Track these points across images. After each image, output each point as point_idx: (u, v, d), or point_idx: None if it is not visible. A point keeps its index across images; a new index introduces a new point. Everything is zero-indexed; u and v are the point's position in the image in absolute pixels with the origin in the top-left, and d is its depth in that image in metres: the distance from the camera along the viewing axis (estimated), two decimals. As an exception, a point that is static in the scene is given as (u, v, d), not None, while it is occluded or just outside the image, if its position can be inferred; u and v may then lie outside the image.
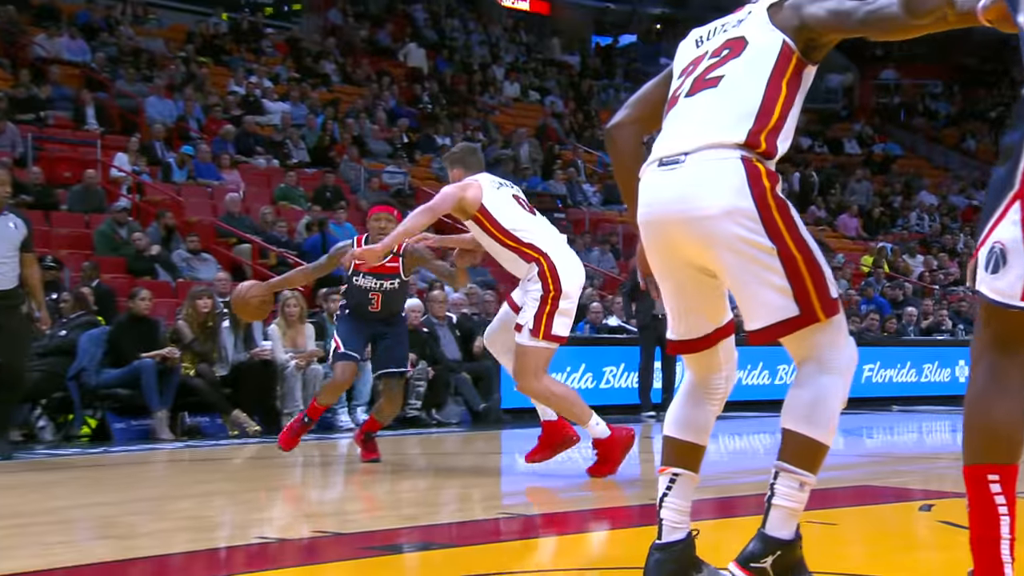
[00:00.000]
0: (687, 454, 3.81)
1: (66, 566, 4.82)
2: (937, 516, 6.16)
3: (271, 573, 4.78)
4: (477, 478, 8.63)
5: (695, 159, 3.47)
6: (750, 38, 3.61)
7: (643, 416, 14.09)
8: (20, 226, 9.52)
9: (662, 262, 3.67)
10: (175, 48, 24.25)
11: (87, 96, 19.78)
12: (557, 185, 24.09)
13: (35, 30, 22.56)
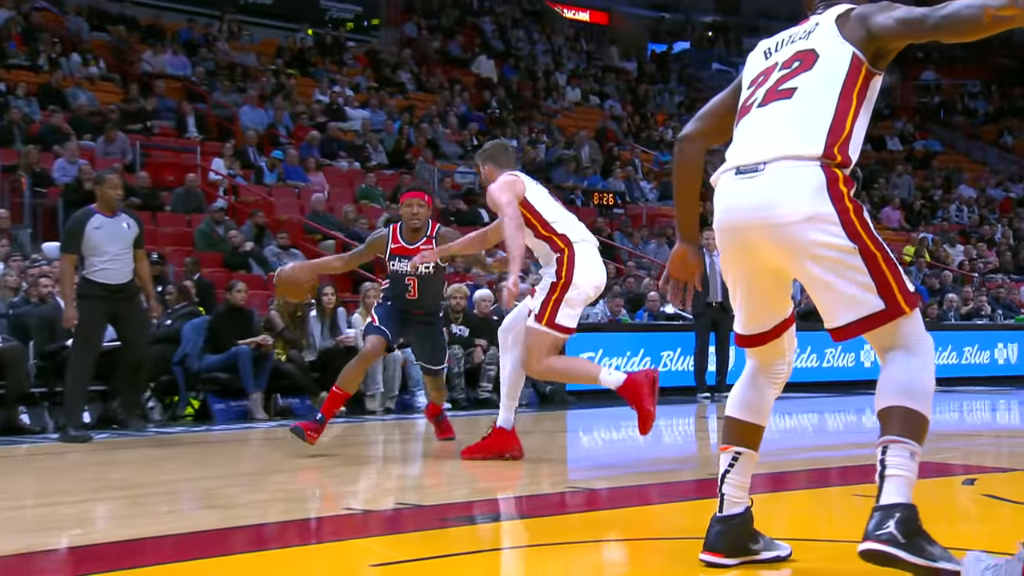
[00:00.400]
0: (749, 434, 3.80)
1: (175, 533, 4.92)
2: (980, 490, 6.08)
3: (358, 541, 4.83)
4: (545, 454, 8.63)
5: (774, 168, 3.41)
6: (820, 51, 3.53)
7: (699, 397, 14.07)
8: (132, 225, 9.71)
9: (739, 265, 3.62)
10: (266, 61, 24.44)
11: (188, 107, 20.03)
12: (616, 183, 24.01)
13: (142, 47, 22.87)
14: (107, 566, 4.36)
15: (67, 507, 5.94)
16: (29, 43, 21.06)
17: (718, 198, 3.58)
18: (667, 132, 29.26)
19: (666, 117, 30.81)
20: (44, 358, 10.91)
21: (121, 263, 9.54)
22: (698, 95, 34.47)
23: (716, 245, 13.43)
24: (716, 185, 3.61)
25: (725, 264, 3.66)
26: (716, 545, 3.71)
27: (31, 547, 4.73)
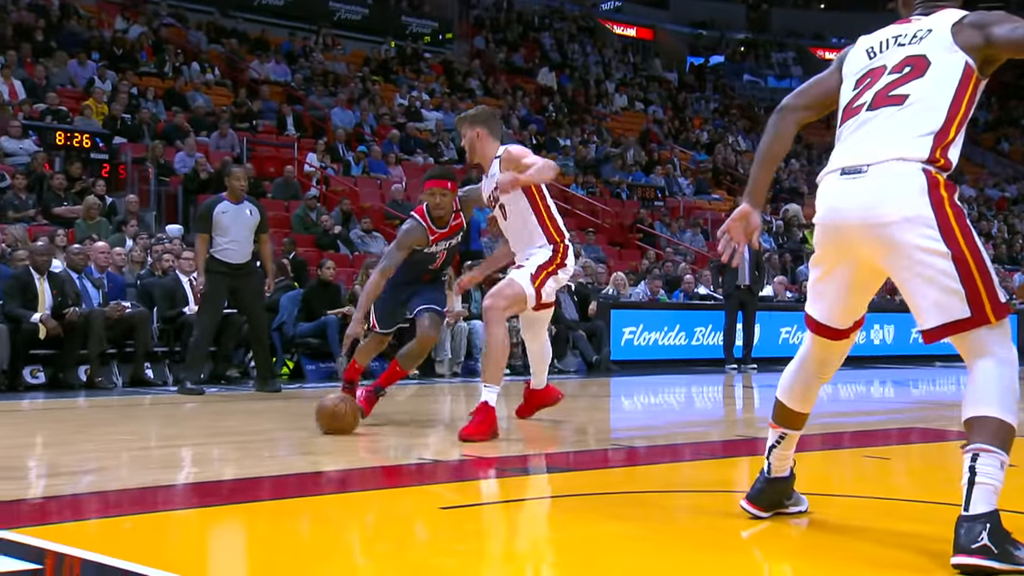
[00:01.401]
0: (796, 419, 3.69)
1: (273, 475, 4.98)
2: (973, 453, 6.05)
3: (428, 487, 4.84)
4: (591, 415, 8.63)
5: (877, 169, 3.15)
6: (932, 58, 3.23)
7: (727, 368, 14.01)
8: (255, 212, 9.84)
9: (836, 261, 3.33)
10: (354, 70, 24.54)
11: (287, 108, 20.23)
12: (657, 179, 23.97)
13: (251, 57, 23.06)
14: (219, 500, 4.43)
15: (184, 449, 6.03)
16: (157, 54, 21.28)
17: (822, 197, 3.33)
18: (703, 135, 29.13)
19: (702, 121, 30.66)
20: (166, 322, 11.14)
21: (242, 245, 9.68)
22: (731, 102, 34.31)
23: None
24: (821, 184, 3.37)
25: (822, 259, 3.38)
26: (757, 499, 3.71)
27: (155, 482, 4.80)
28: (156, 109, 18.30)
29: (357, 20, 28.64)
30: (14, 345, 9.96)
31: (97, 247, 11.26)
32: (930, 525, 3.67)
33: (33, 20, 20.56)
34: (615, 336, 14.20)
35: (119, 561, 3.01)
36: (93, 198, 13.43)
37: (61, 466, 5.46)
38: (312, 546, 3.65)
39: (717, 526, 3.87)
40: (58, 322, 10.03)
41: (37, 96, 17.10)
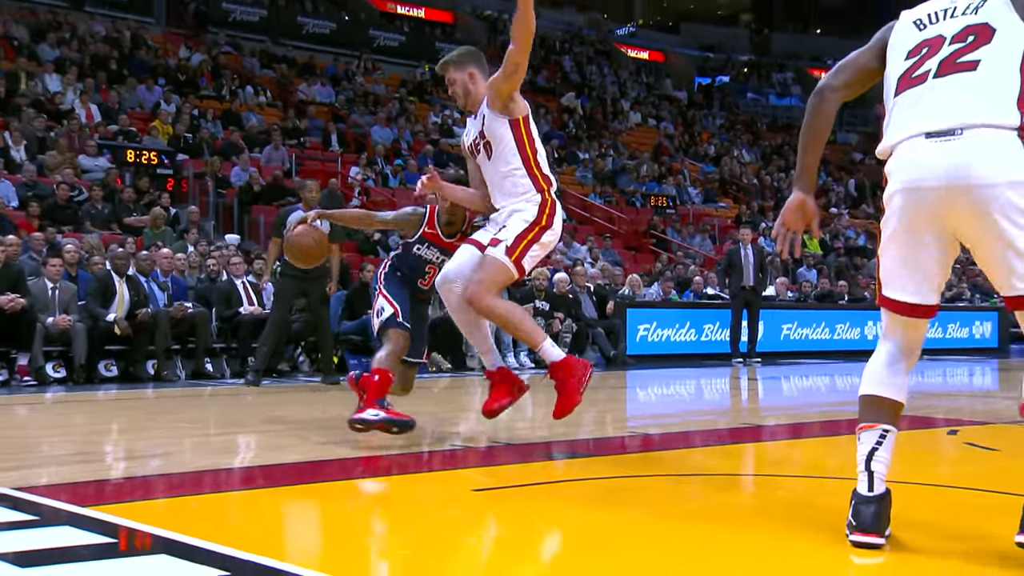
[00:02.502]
0: (896, 410, 3.13)
1: (322, 459, 5.00)
2: (961, 439, 6.00)
3: (461, 471, 4.86)
4: (609, 405, 8.62)
5: (973, 132, 2.82)
6: (996, 25, 2.94)
7: (733, 362, 13.96)
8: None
9: (919, 226, 2.94)
10: (392, 91, 24.61)
11: (332, 126, 20.28)
12: (668, 188, 23.91)
13: (299, 80, 23.18)
14: (273, 482, 4.45)
15: (241, 436, 6.07)
16: (216, 79, 21.43)
17: (903, 161, 2.95)
18: (710, 148, 29.04)
19: (709, 136, 30.57)
20: (223, 321, 11.19)
21: None
22: (736, 118, 34.18)
23: (750, 239, 13.00)
24: (896, 150, 2.98)
25: (903, 232, 2.98)
26: (874, 526, 2.97)
27: (215, 465, 4.84)
28: (214, 128, 18.41)
29: (395, 47, 28.74)
30: (91, 341, 10.07)
31: (162, 253, 11.36)
32: (922, 508, 3.65)
33: (108, 51, 20.79)
34: (631, 333, 14.19)
35: (184, 536, 3.03)
36: (159, 209, 13.55)
37: (133, 450, 5.52)
38: (356, 525, 3.66)
39: (726, 507, 3.87)
40: (129, 322, 10.15)
41: (110, 119, 17.27)
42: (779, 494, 4.26)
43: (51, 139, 15.48)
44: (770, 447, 6.04)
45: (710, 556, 3.04)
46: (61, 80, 18.13)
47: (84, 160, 15.16)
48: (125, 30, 22.45)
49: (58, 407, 8.08)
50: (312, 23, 27.50)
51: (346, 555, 3.16)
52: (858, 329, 17.12)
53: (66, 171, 14.18)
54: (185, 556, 2.82)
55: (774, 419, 7.71)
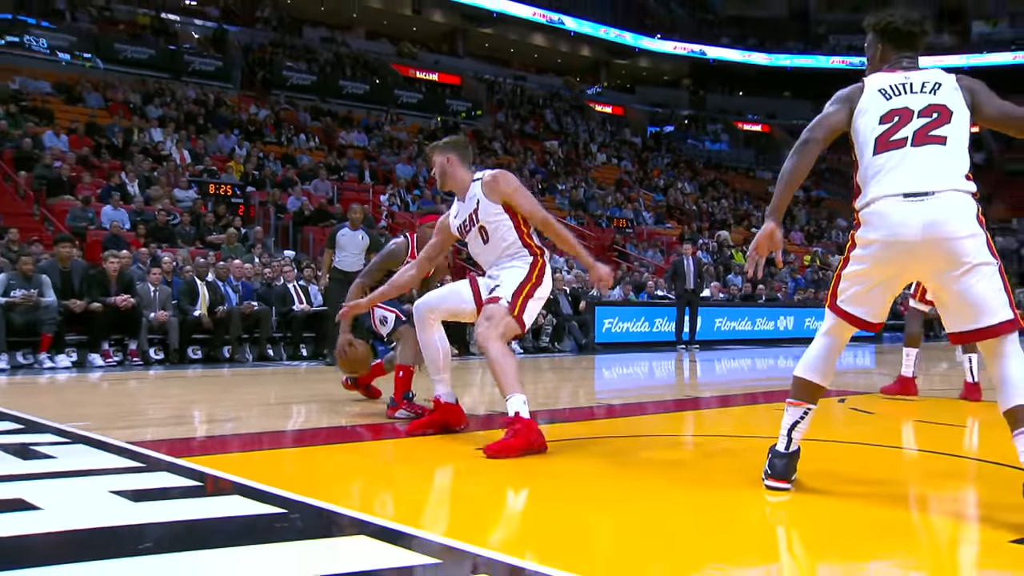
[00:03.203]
0: (819, 393, 3.07)
1: (357, 424, 4.99)
2: (848, 406, 6.00)
3: (465, 434, 4.82)
4: (582, 382, 8.62)
5: (944, 195, 2.74)
6: (952, 108, 2.87)
7: (677, 348, 13.94)
8: (365, 237, 9.96)
9: (890, 270, 2.85)
10: (412, 137, 24.53)
11: (365, 164, 20.19)
12: (627, 212, 23.89)
13: (340, 129, 23.08)
14: (319, 441, 4.43)
15: (295, 406, 6.03)
16: (277, 129, 21.41)
17: (884, 216, 2.80)
18: (660, 182, 29.06)
19: (659, 172, 30.61)
20: (280, 316, 11.12)
21: (355, 259, 9.71)
22: (679, 159, 34.22)
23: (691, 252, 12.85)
24: (876, 203, 2.84)
25: (873, 272, 2.88)
26: (784, 474, 3.02)
27: (275, 427, 4.83)
28: (275, 167, 18.37)
29: (414, 103, 28.71)
30: (182, 332, 10.05)
31: (235, 263, 11.33)
32: (824, 460, 3.67)
33: (197, 109, 20.78)
34: (599, 325, 14.18)
35: (252, 482, 3.04)
36: (232, 230, 13.52)
37: (212, 415, 5.51)
38: (382, 475, 3.67)
39: (669, 460, 3.88)
40: (209, 317, 10.15)
41: (198, 160, 17.26)
42: (710, 449, 4.28)
43: (155, 177, 15.47)
44: (705, 414, 6.05)
45: (655, 495, 3.06)
46: (162, 132, 18.16)
47: (178, 192, 15.14)
48: (210, 93, 22.43)
49: (158, 381, 8.07)
50: (351, 85, 27.46)
51: (375, 497, 3.17)
52: (773, 322, 17.14)
53: (165, 201, 14.20)
54: (253, 497, 2.83)
55: (708, 392, 7.72)
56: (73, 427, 4.40)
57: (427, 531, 2.40)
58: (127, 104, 19.90)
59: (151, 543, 2.36)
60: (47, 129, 16.31)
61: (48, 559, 2.18)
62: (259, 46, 28.00)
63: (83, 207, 13.21)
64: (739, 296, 18.23)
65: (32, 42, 21.89)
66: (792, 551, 2.51)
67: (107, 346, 9.55)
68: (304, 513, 2.66)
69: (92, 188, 14.17)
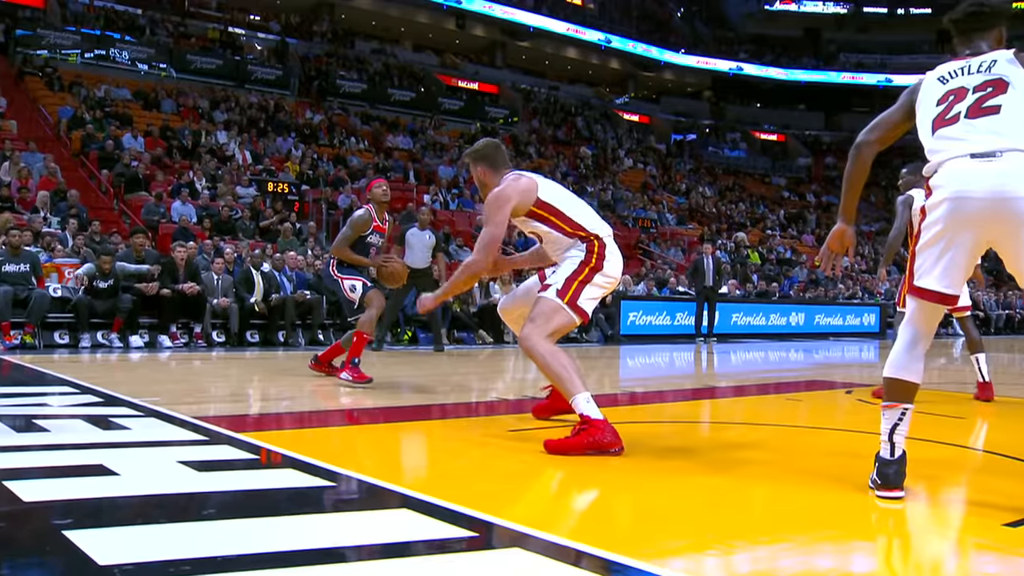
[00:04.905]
0: (913, 392, 2.73)
1: (399, 405, 4.99)
2: (855, 397, 5.94)
3: (499, 416, 4.86)
4: (607, 371, 8.59)
5: (1009, 155, 2.55)
6: (1008, 79, 2.68)
7: (696, 340, 13.85)
8: (432, 237, 10.01)
9: (960, 230, 2.61)
10: (453, 141, 24.56)
11: (410, 166, 20.29)
12: (651, 213, 23.76)
13: (387, 133, 23.17)
14: (365, 420, 4.43)
15: (342, 387, 5.93)
16: (330, 132, 21.55)
17: (951, 175, 2.61)
18: (682, 186, 28.84)
19: (681, 177, 30.38)
20: (330, 304, 11.16)
21: (421, 256, 9.81)
22: (700, 165, 33.94)
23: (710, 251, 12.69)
24: (943, 167, 2.65)
25: (944, 233, 2.63)
26: (897, 482, 2.67)
27: (324, 407, 4.86)
28: (328, 167, 18.51)
29: (456, 109, 28.73)
30: (241, 317, 10.16)
31: (289, 255, 11.43)
32: (825, 449, 3.62)
33: (258, 114, 21.01)
34: (624, 318, 14.10)
35: (304, 456, 3.06)
36: (288, 224, 13.64)
37: (268, 394, 5.56)
38: (423, 453, 3.68)
39: (686, 444, 3.85)
40: (266, 304, 10.25)
41: (257, 161, 17.44)
42: (724, 434, 4.24)
43: (219, 175, 15.67)
44: (720, 402, 6.00)
45: (673, 475, 3.04)
46: (227, 135, 18.39)
47: (240, 189, 15.31)
48: (270, 100, 22.64)
49: (220, 362, 8.17)
50: (398, 93, 27.54)
51: (418, 473, 3.18)
52: (785, 318, 16.96)
53: (228, 197, 14.35)
54: (304, 470, 2.85)
55: (724, 382, 7.66)
56: (145, 402, 4.48)
57: (465, 506, 2.41)
58: (196, 109, 20.19)
59: (214, 509, 2.40)
60: (126, 132, 16.62)
61: (126, 520, 2.23)
62: (315, 57, 28.20)
63: (156, 202, 13.44)
64: (754, 293, 18.07)
65: (116, 54, 22.39)
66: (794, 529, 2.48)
67: (175, 329, 9.69)
68: (351, 486, 2.68)
69: (164, 185, 14.41)
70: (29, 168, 13.44)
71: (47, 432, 3.45)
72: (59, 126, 16.91)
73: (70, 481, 2.59)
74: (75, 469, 2.76)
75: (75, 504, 2.34)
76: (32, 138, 15.40)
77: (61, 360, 7.61)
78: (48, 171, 13.69)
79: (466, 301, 12.17)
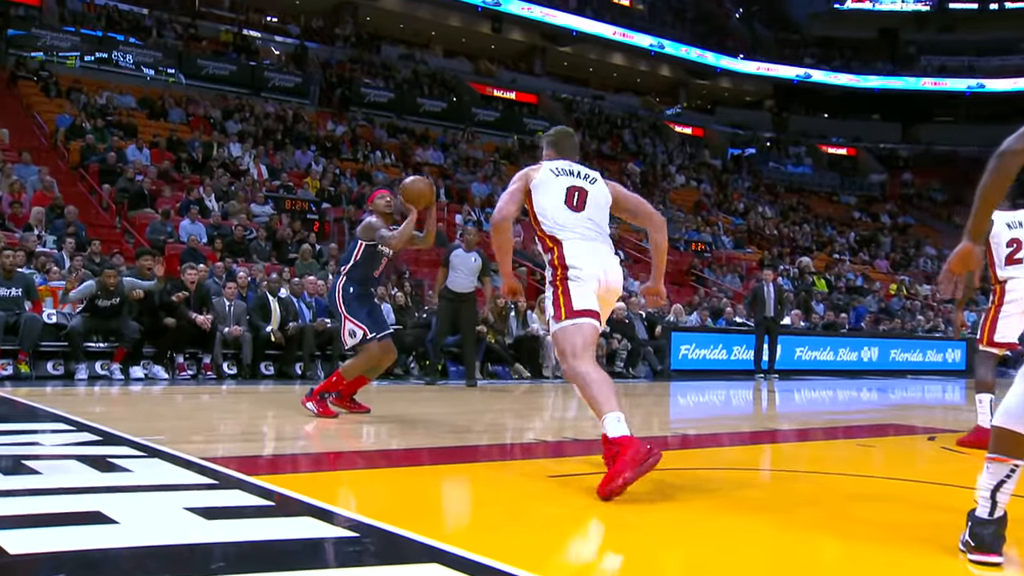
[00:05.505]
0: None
1: (427, 447, 5.01)
2: (939, 444, 5.82)
3: (538, 460, 4.84)
4: (656, 409, 8.52)
5: None
6: None
7: (755, 377, 13.71)
8: (478, 259, 10.13)
9: None
10: (488, 155, 24.76)
11: (440, 183, 20.33)
12: (706, 236, 23.64)
13: (416, 147, 23.48)
14: (389, 463, 4.44)
15: (364, 425, 5.95)
16: (353, 145, 21.84)
17: None
18: (739, 205, 28.70)
19: (739, 195, 30.23)
20: (353, 334, 11.26)
21: (466, 280, 9.93)
22: (760, 182, 33.77)
23: (771, 278, 12.63)
24: None
25: None
26: (995, 546, 2.55)
27: (341, 447, 4.86)
28: (351, 183, 18.72)
29: (491, 121, 28.97)
30: (255, 347, 10.28)
31: (308, 280, 11.54)
32: (904, 503, 3.55)
33: (275, 125, 21.36)
34: (675, 351, 14.03)
35: (322, 503, 3.07)
36: (307, 246, 13.80)
37: (282, 433, 5.60)
38: (453, 499, 3.68)
39: (746, 496, 3.79)
40: (283, 333, 10.37)
41: (274, 176, 17.69)
42: (786, 485, 4.17)
43: (232, 191, 15.89)
44: (783, 447, 5.92)
45: (728, 531, 2.99)
46: (241, 147, 18.65)
47: (255, 207, 15.55)
48: (288, 110, 23.03)
49: (230, 396, 8.26)
50: (428, 103, 27.89)
51: (448, 523, 3.18)
52: (856, 353, 16.73)
53: (241, 216, 14.56)
54: (323, 519, 2.86)
55: (787, 424, 7.56)
56: (148, 440, 4.53)
57: (501, 560, 2.39)
58: (208, 119, 20.55)
59: (223, 562, 2.41)
60: (130, 143, 16.93)
61: (126, 574, 2.25)
62: (338, 63, 28.66)
63: (162, 221, 13.65)
64: (821, 325, 17.85)
65: (119, 58, 22.81)
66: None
67: (182, 359, 9.83)
68: (375, 537, 2.68)
69: (171, 202, 14.66)
70: (22, 182, 13.63)
71: (38, 475, 3.47)
72: (56, 136, 17.23)
73: (62, 530, 2.59)
74: (68, 517, 2.77)
75: (68, 557, 2.34)
76: (26, 148, 15.68)
77: (54, 393, 7.72)
78: (43, 185, 13.96)
79: (502, 331, 12.17)
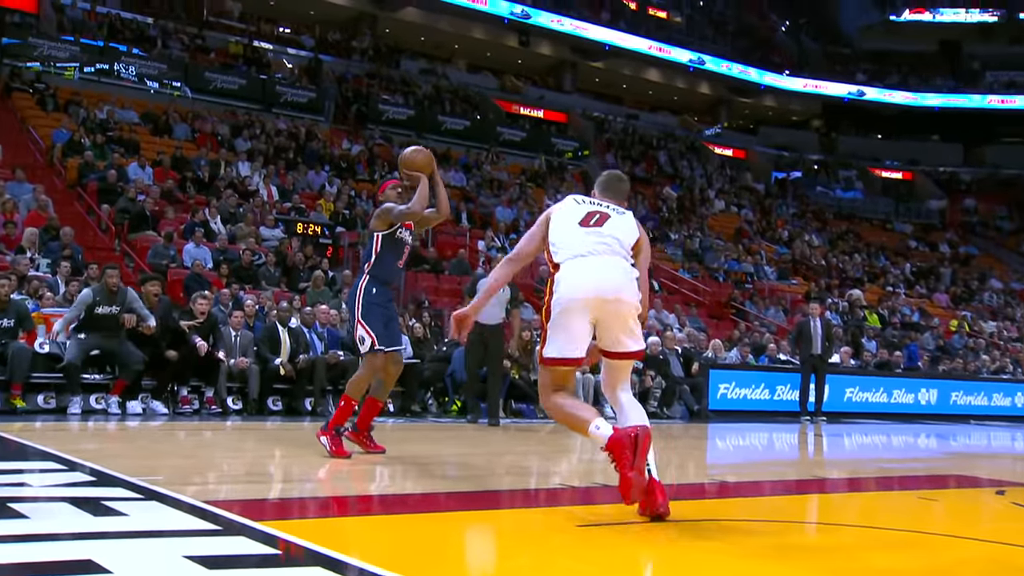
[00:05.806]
0: None
1: (446, 491, 4.98)
2: (1009, 500, 5.69)
3: (566, 507, 4.79)
4: (692, 453, 8.45)
5: None
6: None
7: (801, 419, 13.57)
8: (506, 290, 9.86)
9: None
10: (514, 178, 24.86)
11: (462, 206, 20.42)
12: (747, 266, 23.53)
13: (436, 167, 23.56)
14: (404, 509, 4.44)
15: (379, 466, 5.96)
16: (370, 165, 22.02)
17: None
18: (784, 233, 28.55)
19: (783, 222, 30.08)
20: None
21: (494, 310, 9.94)
22: (806, 208, 33.62)
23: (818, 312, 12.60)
24: None
25: None
26: None
27: (355, 491, 4.85)
28: (367, 206, 18.77)
29: (517, 141, 29.12)
30: (262, 380, 10.31)
31: (321, 309, 11.56)
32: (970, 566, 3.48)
33: (287, 143, 21.56)
34: (713, 390, 13.93)
35: (332, 552, 3.05)
36: (320, 272, 13.88)
37: (290, 474, 5.61)
38: (472, 551, 3.65)
39: (791, 550, 3.73)
40: (292, 366, 10.41)
41: (285, 197, 17.82)
42: (835, 539, 4.11)
43: (240, 213, 16.01)
44: (832, 498, 5.84)
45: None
46: (250, 166, 18.77)
47: (264, 230, 15.66)
48: (301, 126, 23.21)
49: (235, 433, 8.29)
50: (450, 121, 28.11)
51: (467, 574, 3.15)
52: (913, 395, 16.52)
53: (250, 239, 14.67)
54: (334, 569, 2.85)
55: (836, 472, 7.45)
56: (145, 481, 4.53)
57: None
58: (215, 136, 20.74)
59: (225, 615, 2.40)
60: (132, 160, 17.08)
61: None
62: (354, 77, 28.91)
63: (165, 244, 13.72)
64: (873, 364, 17.65)
65: (121, 69, 23.02)
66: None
67: (186, 392, 9.88)
68: (387, 591, 2.67)
69: (175, 224, 14.78)
70: (15, 200, 13.68)
71: (25, 519, 3.45)
72: (52, 152, 17.38)
73: (53, 580, 2.57)
74: (57, 565, 2.77)
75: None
76: (19, 165, 15.78)
77: (45, 428, 7.69)
78: (38, 204, 14.04)
79: (527, 367, 12.14)
